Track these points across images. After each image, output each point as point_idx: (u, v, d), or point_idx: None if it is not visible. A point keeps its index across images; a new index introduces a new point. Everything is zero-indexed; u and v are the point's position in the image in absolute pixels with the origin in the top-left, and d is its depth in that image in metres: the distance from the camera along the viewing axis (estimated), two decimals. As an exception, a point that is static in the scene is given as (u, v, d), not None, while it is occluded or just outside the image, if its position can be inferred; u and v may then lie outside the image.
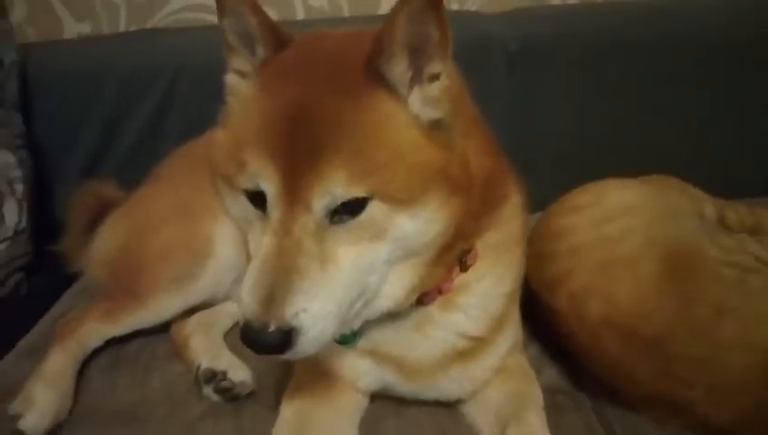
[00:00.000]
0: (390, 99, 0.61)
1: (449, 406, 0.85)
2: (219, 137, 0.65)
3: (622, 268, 0.83)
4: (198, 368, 0.90)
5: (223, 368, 0.88)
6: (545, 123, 1.42)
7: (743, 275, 0.75)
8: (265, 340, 0.56)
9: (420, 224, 0.61)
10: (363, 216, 0.59)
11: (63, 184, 1.38)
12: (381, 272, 0.63)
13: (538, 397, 0.81)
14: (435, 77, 0.62)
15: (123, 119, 1.39)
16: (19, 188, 1.27)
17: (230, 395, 0.86)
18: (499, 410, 0.79)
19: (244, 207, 0.63)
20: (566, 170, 1.27)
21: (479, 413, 0.81)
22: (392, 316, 0.72)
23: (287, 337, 0.56)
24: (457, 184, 0.62)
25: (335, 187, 0.57)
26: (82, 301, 1.13)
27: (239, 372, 0.88)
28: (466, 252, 0.74)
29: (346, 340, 0.74)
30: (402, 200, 0.59)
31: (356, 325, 0.68)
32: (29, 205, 1.29)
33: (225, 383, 0.86)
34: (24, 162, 1.29)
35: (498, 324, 0.79)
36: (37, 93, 1.37)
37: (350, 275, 0.60)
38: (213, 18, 1.63)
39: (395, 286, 0.66)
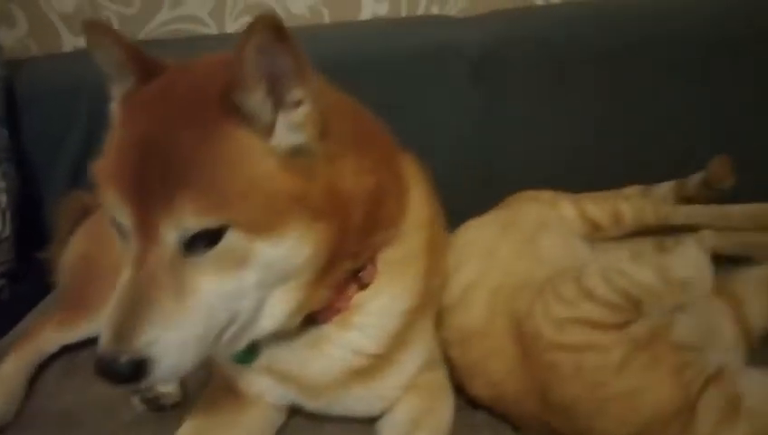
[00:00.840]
0: (245, 130, 0.61)
1: (369, 422, 0.86)
2: (95, 167, 0.68)
3: (482, 344, 0.81)
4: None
5: (150, 378, 0.91)
6: (513, 136, 1.37)
7: (577, 359, 0.70)
8: (116, 370, 0.58)
9: (284, 250, 0.62)
10: (221, 246, 0.60)
11: (51, 194, 1.45)
12: (254, 296, 0.64)
13: (441, 416, 0.80)
14: (297, 103, 0.62)
15: (105, 131, 1.45)
16: (3, 198, 1.35)
17: (155, 405, 0.90)
18: (400, 429, 0.79)
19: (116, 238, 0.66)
20: (536, 186, 1.24)
21: (386, 430, 0.81)
22: (287, 335, 0.73)
23: (139, 368, 0.58)
24: (319, 210, 0.63)
25: (184, 219, 0.59)
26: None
27: (165, 383, 0.91)
28: (359, 270, 0.74)
29: (243, 358, 0.76)
30: (261, 229, 0.60)
31: (240, 346, 0.69)
32: (12, 214, 1.36)
33: (150, 394, 0.89)
34: (8, 175, 1.37)
35: (399, 342, 0.78)
36: (24, 108, 1.45)
37: (213, 302, 0.61)
38: (203, 29, 1.69)
39: (275, 309, 0.67)
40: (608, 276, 0.71)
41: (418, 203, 0.82)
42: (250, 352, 0.75)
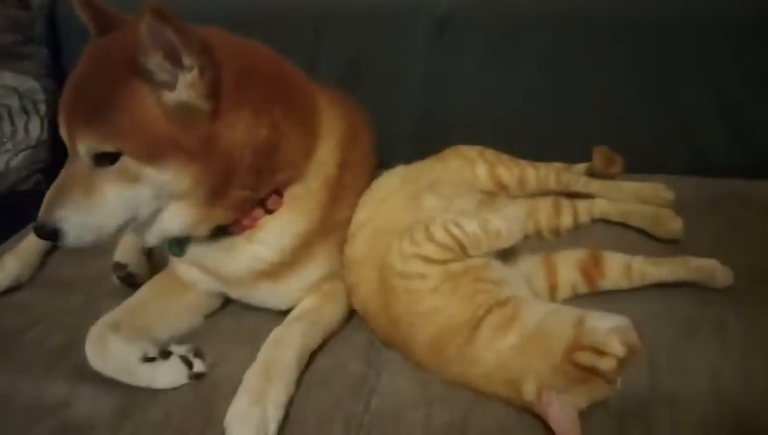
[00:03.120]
0: (144, 85, 0.83)
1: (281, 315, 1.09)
2: None
3: (358, 271, 1.01)
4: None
5: (126, 262, 1.18)
6: (469, 93, 1.51)
7: (407, 283, 0.90)
8: (41, 232, 0.86)
9: (167, 177, 0.85)
10: (117, 165, 0.84)
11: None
12: (152, 205, 0.88)
13: (324, 313, 1.01)
14: (191, 68, 0.82)
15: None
16: (42, 108, 1.64)
17: (128, 282, 1.16)
18: (290, 317, 1.02)
19: None
20: (487, 141, 1.32)
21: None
22: (205, 239, 0.97)
23: (54, 233, 0.85)
24: (194, 153, 0.85)
25: (90, 143, 0.84)
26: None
27: (137, 266, 1.18)
28: (264, 199, 0.97)
29: (174, 251, 1.01)
30: (147, 159, 0.84)
31: (150, 240, 0.94)
32: (50, 121, 1.65)
33: (123, 273, 1.17)
34: (48, 88, 1.65)
35: (298, 256, 1.01)
36: (64, 29, 1.71)
37: (113, 203, 0.86)
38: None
39: (174, 218, 0.91)
40: (446, 226, 0.91)
41: (327, 151, 1.03)
42: (180, 248, 1.01)
